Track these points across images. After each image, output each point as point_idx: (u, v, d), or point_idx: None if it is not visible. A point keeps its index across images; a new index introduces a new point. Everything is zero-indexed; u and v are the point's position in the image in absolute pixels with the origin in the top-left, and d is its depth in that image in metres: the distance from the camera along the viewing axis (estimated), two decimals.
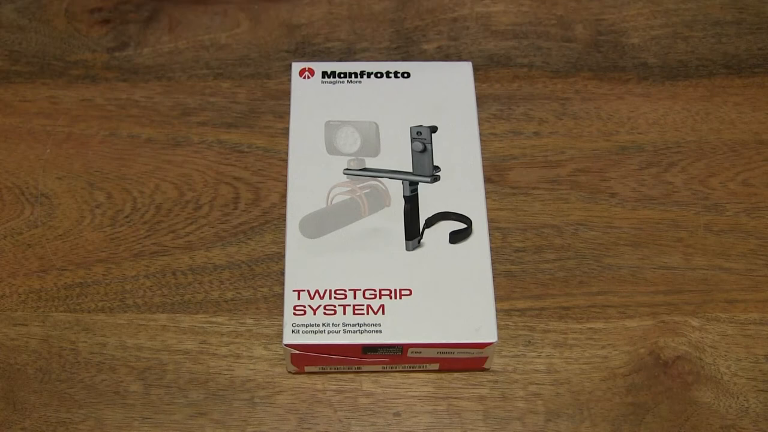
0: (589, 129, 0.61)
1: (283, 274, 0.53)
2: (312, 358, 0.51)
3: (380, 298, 0.51)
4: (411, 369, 0.53)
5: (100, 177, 0.59)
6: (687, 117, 0.62)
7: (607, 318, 0.55)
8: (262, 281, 0.56)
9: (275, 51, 0.65)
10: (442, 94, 0.58)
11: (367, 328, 0.50)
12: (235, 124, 0.61)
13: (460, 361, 0.52)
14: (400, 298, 0.51)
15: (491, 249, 0.53)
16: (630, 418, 0.52)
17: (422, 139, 0.55)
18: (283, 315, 0.51)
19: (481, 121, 0.61)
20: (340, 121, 0.56)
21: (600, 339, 0.54)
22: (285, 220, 0.56)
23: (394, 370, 0.53)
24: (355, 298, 0.51)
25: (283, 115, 0.61)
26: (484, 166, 0.58)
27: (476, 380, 0.53)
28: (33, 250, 0.57)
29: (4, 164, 0.60)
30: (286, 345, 0.50)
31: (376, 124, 0.56)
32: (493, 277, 0.53)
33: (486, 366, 0.53)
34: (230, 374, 0.53)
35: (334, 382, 0.53)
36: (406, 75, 0.58)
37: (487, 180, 0.59)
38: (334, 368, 0.52)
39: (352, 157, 0.55)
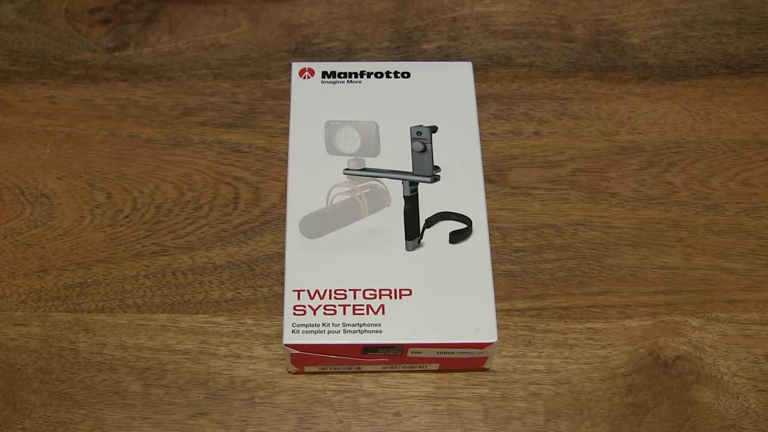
0: (589, 129, 0.61)
1: (283, 274, 0.53)
2: (312, 358, 0.51)
3: (380, 298, 0.51)
4: (411, 369, 0.53)
5: (100, 177, 0.59)
6: (687, 117, 0.62)
7: (607, 318, 0.55)
8: (262, 281, 0.56)
9: (275, 51, 0.65)
10: (442, 94, 0.58)
11: (367, 328, 0.50)
12: (235, 124, 0.61)
13: (460, 361, 0.52)
14: (400, 298, 0.51)
15: (491, 249, 0.53)
16: (630, 418, 0.52)
17: (422, 139, 0.55)
18: (283, 315, 0.51)
19: (481, 121, 0.61)
20: (340, 121, 0.56)
21: (600, 339, 0.54)
22: (285, 220, 0.56)
23: (394, 370, 0.53)
24: (355, 298, 0.51)
25: (283, 115, 0.61)
26: (484, 166, 0.58)
27: (476, 380, 0.53)
28: (33, 250, 0.57)
29: (4, 164, 0.60)
30: (286, 345, 0.50)
31: (376, 124, 0.56)
32: (493, 277, 0.53)
33: (486, 366, 0.53)
34: (230, 374, 0.53)
35: (334, 382, 0.53)
36: (406, 75, 0.58)
37: (487, 180, 0.59)
38: (334, 368, 0.52)
39: (352, 157, 0.55)
